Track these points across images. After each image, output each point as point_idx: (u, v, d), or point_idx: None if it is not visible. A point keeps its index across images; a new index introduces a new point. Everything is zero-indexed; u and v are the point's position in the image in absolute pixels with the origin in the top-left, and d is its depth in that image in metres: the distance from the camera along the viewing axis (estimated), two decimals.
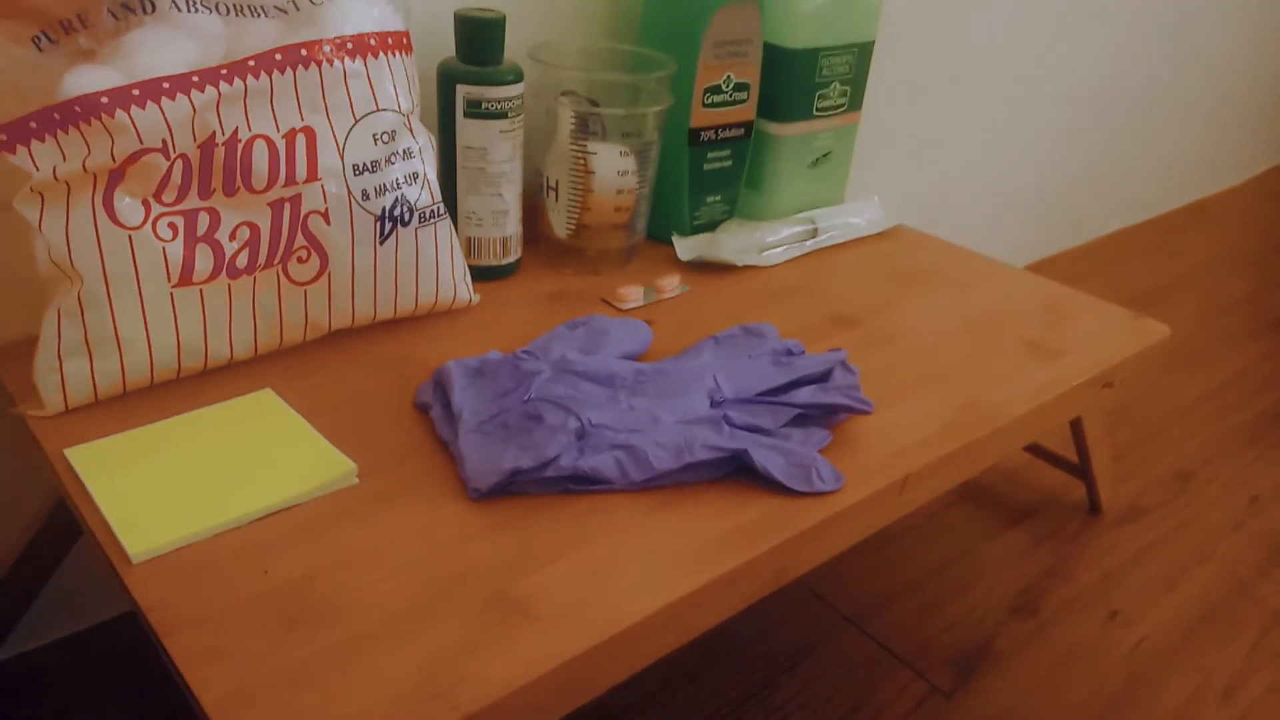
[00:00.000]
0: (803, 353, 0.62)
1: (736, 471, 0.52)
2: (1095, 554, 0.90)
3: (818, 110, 0.81)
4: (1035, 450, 0.98)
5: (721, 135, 0.78)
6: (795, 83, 0.79)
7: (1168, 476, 1.02)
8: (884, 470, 0.54)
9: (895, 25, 1.03)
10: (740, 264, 0.77)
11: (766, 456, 0.52)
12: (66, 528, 0.64)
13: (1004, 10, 1.17)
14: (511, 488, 0.50)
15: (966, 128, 1.23)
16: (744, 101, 0.77)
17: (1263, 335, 1.34)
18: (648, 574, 0.46)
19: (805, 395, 0.57)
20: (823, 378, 0.59)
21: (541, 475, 0.50)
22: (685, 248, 0.78)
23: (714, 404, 0.56)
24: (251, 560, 0.44)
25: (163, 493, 0.48)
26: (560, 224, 0.73)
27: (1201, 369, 1.24)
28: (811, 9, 0.76)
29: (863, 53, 0.81)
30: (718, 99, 0.76)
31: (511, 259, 0.72)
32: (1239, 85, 1.74)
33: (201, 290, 0.54)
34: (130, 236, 0.51)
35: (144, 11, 0.52)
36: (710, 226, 0.81)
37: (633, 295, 0.70)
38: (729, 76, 0.75)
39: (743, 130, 0.79)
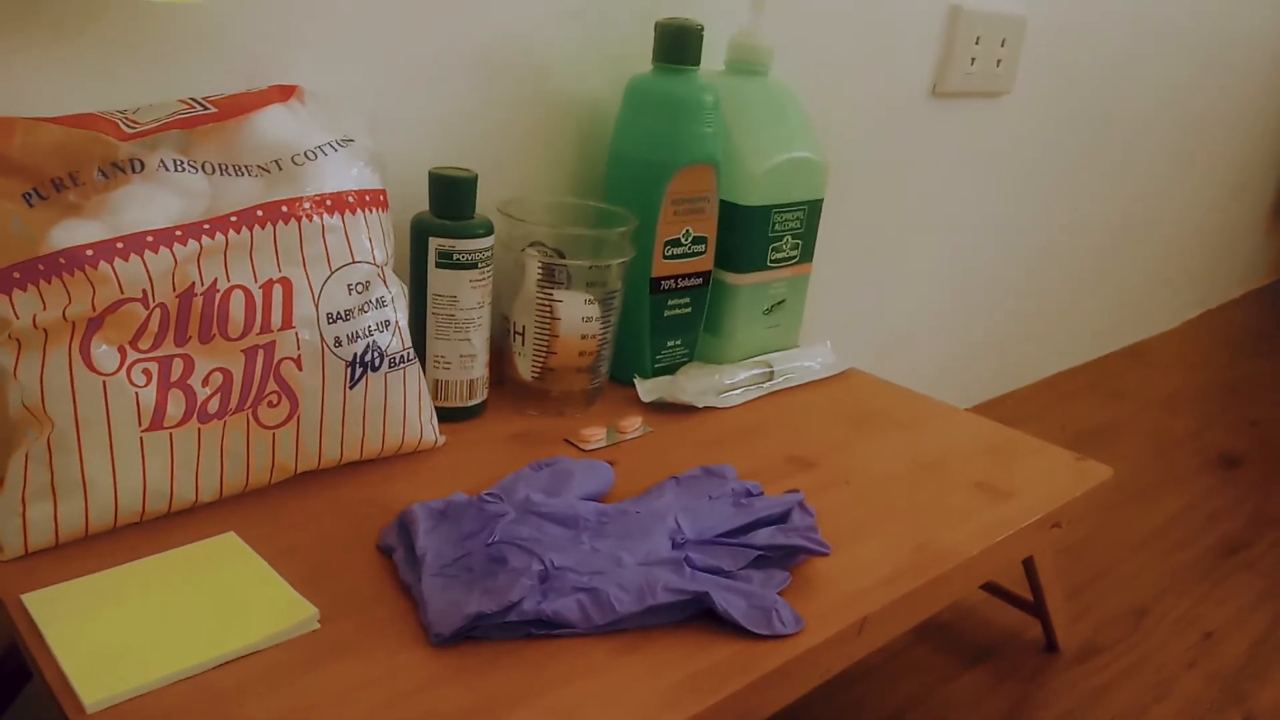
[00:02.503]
0: (761, 494, 0.64)
1: (698, 614, 0.53)
2: (1054, 693, 0.90)
3: (771, 262, 0.86)
4: (991, 588, 0.99)
5: (681, 284, 0.81)
6: (750, 237, 0.83)
7: (1121, 614, 1.03)
8: (842, 612, 0.55)
9: (843, 185, 1.09)
10: (700, 405, 0.80)
11: (727, 599, 0.53)
12: (14, 672, 0.62)
13: (947, 171, 1.26)
14: (474, 632, 0.50)
15: (913, 278, 1.29)
16: (702, 253, 0.82)
17: (1204, 472, 1.38)
18: None
19: (765, 537, 0.58)
20: (782, 519, 0.60)
21: (504, 620, 0.50)
22: (647, 390, 0.80)
23: (675, 545, 0.57)
24: (210, 709, 0.44)
25: (120, 639, 0.47)
26: (526, 367, 0.76)
27: (1149, 505, 1.27)
28: (764, 170, 0.82)
29: (812, 209, 0.87)
30: (677, 251, 0.80)
31: (478, 400, 0.74)
32: (1172, 238, 1.85)
33: (171, 434, 0.55)
34: (105, 382, 0.53)
35: (133, 170, 0.55)
36: (671, 369, 0.84)
37: (596, 436, 0.72)
38: (688, 230, 0.80)
39: (701, 280, 0.83)
